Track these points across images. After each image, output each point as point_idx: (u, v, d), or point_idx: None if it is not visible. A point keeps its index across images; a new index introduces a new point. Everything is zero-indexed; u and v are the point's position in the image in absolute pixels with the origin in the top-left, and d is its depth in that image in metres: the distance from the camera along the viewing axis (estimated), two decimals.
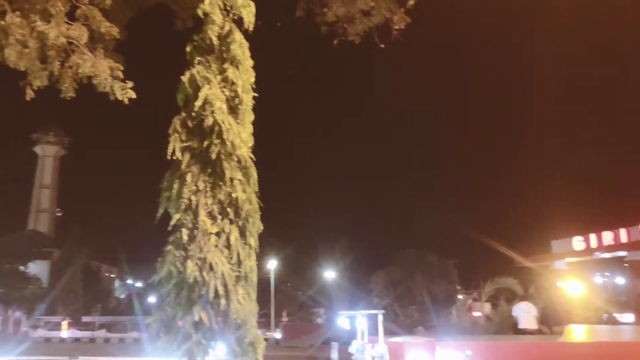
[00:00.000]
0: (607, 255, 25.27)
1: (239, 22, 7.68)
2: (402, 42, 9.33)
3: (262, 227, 7.51)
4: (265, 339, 7.85)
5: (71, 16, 8.61)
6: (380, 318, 11.59)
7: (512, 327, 16.75)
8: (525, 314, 15.92)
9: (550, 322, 18.62)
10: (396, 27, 9.50)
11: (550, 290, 24.98)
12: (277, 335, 33.31)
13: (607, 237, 23.70)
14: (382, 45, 9.62)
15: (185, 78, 7.36)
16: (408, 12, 9.41)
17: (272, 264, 40.23)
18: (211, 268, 6.75)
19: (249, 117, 7.67)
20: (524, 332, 15.60)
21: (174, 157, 7.19)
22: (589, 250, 25.05)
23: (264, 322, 34.95)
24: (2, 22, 7.96)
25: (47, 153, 79.20)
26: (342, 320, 18.92)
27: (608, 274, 33.31)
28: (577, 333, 17.27)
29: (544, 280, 26.11)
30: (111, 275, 71.53)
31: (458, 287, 34.45)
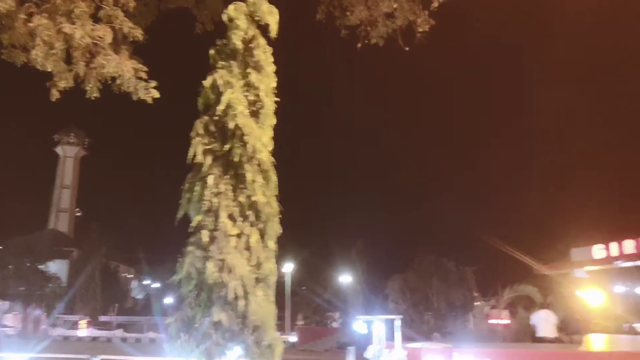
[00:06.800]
0: (629, 264, 24.84)
1: (263, 28, 7.73)
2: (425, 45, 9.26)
3: (281, 230, 7.54)
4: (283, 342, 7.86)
5: (96, 20, 8.72)
6: (397, 323, 11.55)
7: (530, 335, 16.55)
8: (544, 322, 15.72)
9: (569, 330, 18.39)
10: (420, 30, 9.43)
11: (569, 298, 24.64)
12: (292, 338, 33.33)
13: (629, 245, 23.28)
14: (407, 48, 9.56)
15: (207, 82, 7.43)
16: (432, 14, 9.35)
17: (289, 267, 40.28)
18: (231, 270, 6.79)
19: (270, 121, 7.72)
20: (542, 340, 15.40)
21: (196, 160, 7.26)
22: (609, 259, 24.62)
23: (278, 325, 35.00)
24: (30, 24, 8.09)
25: (68, 154, 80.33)
26: (359, 324, 18.89)
27: (629, 283, 32.76)
28: (596, 342, 17.02)
29: (564, 288, 25.76)
30: (129, 276, 72.23)
31: (475, 294, 34.13)
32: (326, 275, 46.55)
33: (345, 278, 44.89)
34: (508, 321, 25.09)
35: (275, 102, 7.80)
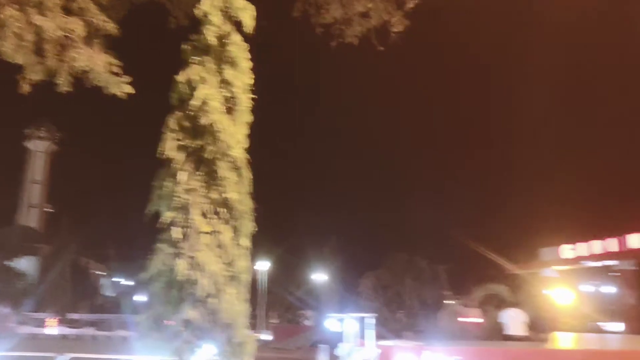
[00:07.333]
0: (596, 264, 25.40)
1: (238, 24, 7.70)
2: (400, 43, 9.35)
3: (254, 228, 7.52)
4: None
5: (68, 13, 8.59)
6: (370, 321, 11.62)
7: (499, 333, 16.79)
8: (513, 320, 15.95)
9: (538, 329, 18.70)
10: (394, 30, 9.51)
11: (538, 297, 25.08)
12: (266, 336, 33.25)
13: (597, 246, 23.82)
14: (381, 48, 9.62)
15: (181, 77, 7.37)
16: (407, 14, 9.43)
17: (263, 265, 40.15)
18: (201, 267, 6.75)
19: (245, 118, 7.68)
20: (511, 338, 15.63)
21: (168, 156, 7.19)
22: (577, 259, 25.17)
23: (252, 323, 34.85)
24: (0, 15, 7.93)
25: (39, 148, 78.74)
26: (331, 322, 18.97)
27: (597, 282, 33.52)
28: (562, 340, 17.36)
29: (533, 287, 26.22)
30: (99, 273, 71.23)
31: (447, 293, 34.57)
32: (300, 272, 46.60)
33: (319, 276, 44.99)
34: (480, 319, 25.44)
35: (252, 99, 7.77)
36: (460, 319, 24.82)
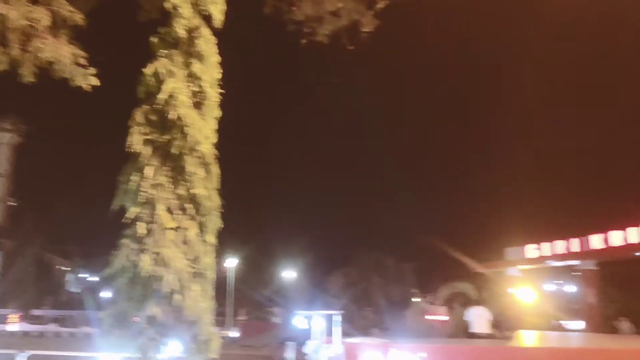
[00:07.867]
0: (559, 263, 25.99)
1: (208, 18, 7.63)
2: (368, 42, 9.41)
3: (221, 225, 7.46)
4: (221, 338, 7.79)
5: (34, 2, 8.39)
6: (337, 319, 11.66)
7: (464, 331, 17.03)
8: (478, 318, 16.20)
9: (502, 327, 19.02)
10: (364, 30, 9.56)
11: (503, 296, 25.54)
12: (233, 333, 33.08)
13: (560, 246, 24.38)
14: (351, 47, 9.66)
15: (148, 70, 7.27)
16: (377, 14, 9.49)
17: (232, 262, 39.93)
18: (166, 263, 6.67)
19: (214, 113, 7.61)
20: (476, 336, 15.87)
21: (135, 150, 7.08)
22: (541, 259, 25.73)
23: (219, 320, 34.64)
24: None
25: (2, 140, 76.73)
26: (299, 319, 18.98)
27: (559, 282, 34.31)
28: (526, 338, 17.70)
29: (498, 286, 26.68)
30: (64, 268, 69.89)
31: (414, 291, 34.90)
32: (269, 270, 46.50)
33: (287, 273, 44.99)
34: (446, 317, 25.79)
35: (221, 94, 7.71)
36: (426, 317, 25.09)
